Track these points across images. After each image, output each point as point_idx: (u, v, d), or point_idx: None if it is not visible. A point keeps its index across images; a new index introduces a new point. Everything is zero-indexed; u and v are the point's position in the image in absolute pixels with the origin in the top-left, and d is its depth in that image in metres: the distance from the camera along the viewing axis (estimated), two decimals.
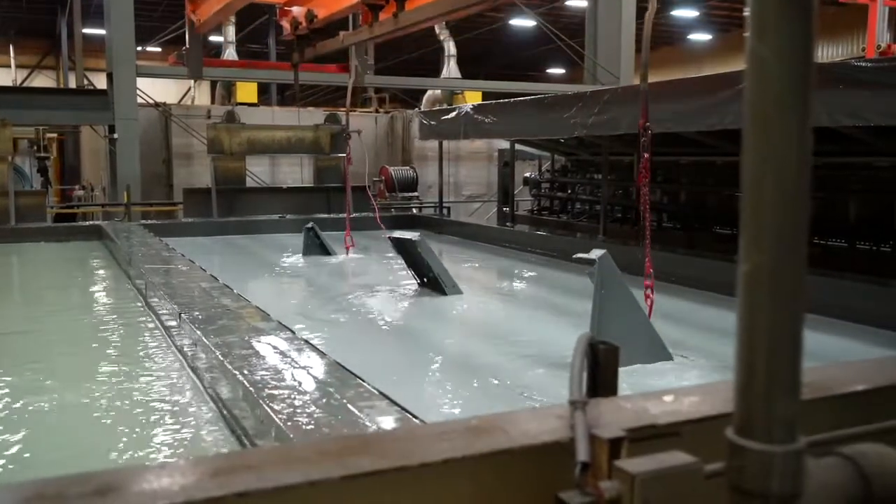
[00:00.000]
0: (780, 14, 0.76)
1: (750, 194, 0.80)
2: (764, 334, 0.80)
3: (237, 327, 3.98)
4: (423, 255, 6.35)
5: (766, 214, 0.78)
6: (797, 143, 0.78)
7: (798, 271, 0.80)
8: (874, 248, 6.27)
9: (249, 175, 13.35)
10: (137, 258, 6.67)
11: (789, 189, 0.78)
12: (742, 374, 0.83)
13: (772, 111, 0.77)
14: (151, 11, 26.41)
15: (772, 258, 0.78)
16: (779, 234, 0.79)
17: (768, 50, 0.77)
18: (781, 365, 0.81)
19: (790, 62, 0.76)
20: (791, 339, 0.81)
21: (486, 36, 30.21)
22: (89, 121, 14.49)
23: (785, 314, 0.81)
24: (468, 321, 5.75)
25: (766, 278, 0.79)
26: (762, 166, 0.79)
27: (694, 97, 6.02)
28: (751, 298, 0.80)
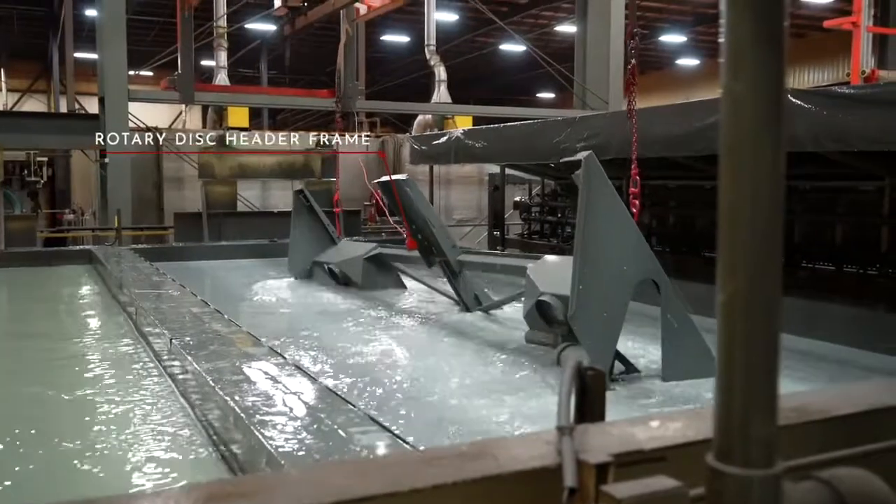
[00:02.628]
0: (752, 52, 0.80)
1: (725, 225, 0.83)
2: (741, 360, 0.83)
3: (228, 353, 3.98)
4: (414, 200, 6.19)
5: (741, 245, 0.82)
6: (771, 176, 0.81)
7: (773, 299, 0.83)
8: (860, 271, 6.32)
9: (240, 199, 13.37)
10: (128, 283, 6.66)
11: (763, 220, 0.81)
12: (721, 400, 0.85)
13: (746, 145, 0.81)
14: (144, 36, 26.55)
15: (747, 287, 0.81)
16: (754, 263, 0.82)
17: (742, 86, 0.80)
18: (758, 390, 0.84)
19: (763, 98, 0.80)
20: (767, 364, 0.83)
21: (476, 61, 30.46)
22: (81, 145, 14.50)
23: (761, 340, 0.83)
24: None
25: (743, 306, 0.82)
26: (737, 198, 0.82)
27: (683, 122, 6.09)
28: (728, 326, 0.83)
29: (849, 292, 5.91)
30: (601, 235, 4.22)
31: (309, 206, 8.56)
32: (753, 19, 0.77)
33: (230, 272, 9.51)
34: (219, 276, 9.41)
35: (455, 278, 6.41)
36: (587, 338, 4.26)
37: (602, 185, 4.25)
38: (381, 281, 7.70)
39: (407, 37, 28.53)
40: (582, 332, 4.25)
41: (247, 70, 29.36)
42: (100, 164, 13.38)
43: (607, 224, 4.25)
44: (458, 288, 6.43)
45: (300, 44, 29.52)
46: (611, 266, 4.29)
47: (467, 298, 6.41)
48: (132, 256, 8.81)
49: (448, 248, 6.21)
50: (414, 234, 6.47)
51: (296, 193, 8.65)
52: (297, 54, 30.33)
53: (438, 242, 6.20)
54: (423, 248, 6.47)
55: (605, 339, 4.29)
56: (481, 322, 6.22)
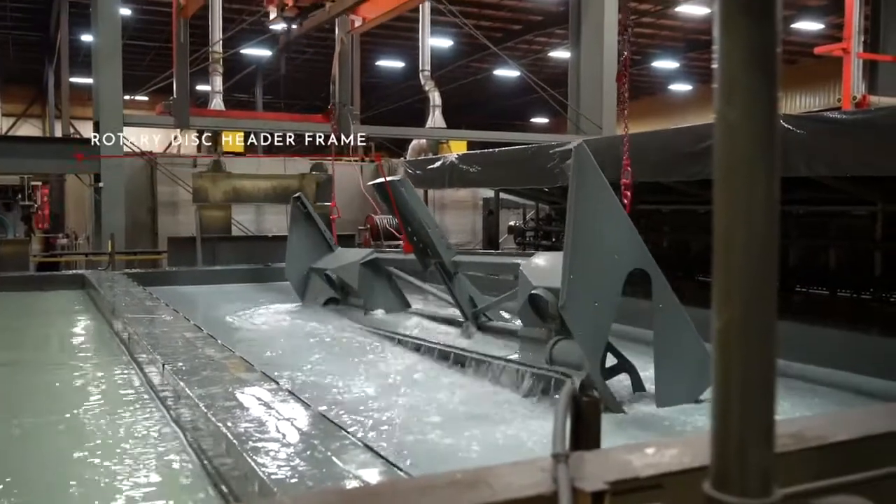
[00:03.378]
0: (746, 79, 0.80)
1: (720, 251, 0.83)
2: (737, 386, 0.82)
3: (221, 378, 3.96)
4: (409, 201, 6.14)
5: (736, 270, 0.82)
6: (765, 201, 0.81)
7: (769, 325, 0.83)
8: (854, 295, 6.34)
9: (235, 223, 13.37)
10: (120, 308, 6.63)
11: (758, 247, 0.81)
12: (717, 426, 0.85)
13: (740, 170, 0.81)
14: (140, 61, 26.70)
15: (743, 313, 0.81)
16: (749, 289, 0.82)
17: (735, 113, 0.81)
18: (755, 416, 0.84)
19: (757, 124, 0.80)
20: (764, 390, 0.83)
21: (470, 86, 30.68)
22: (75, 170, 14.50)
23: (757, 366, 0.83)
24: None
25: (738, 333, 0.82)
26: (732, 223, 0.82)
27: (676, 147, 6.13)
28: (724, 352, 0.83)
29: (843, 317, 5.92)
30: (592, 225, 4.22)
31: (306, 213, 8.57)
32: (747, 46, 0.78)
33: (223, 297, 9.48)
34: (212, 301, 9.37)
35: (451, 280, 6.37)
36: (579, 328, 4.24)
37: (593, 175, 4.24)
38: (377, 286, 7.67)
39: (402, 62, 28.75)
40: (573, 322, 4.24)
41: (242, 95, 29.53)
42: (94, 189, 13.38)
43: (598, 214, 4.24)
44: (454, 289, 6.38)
45: (295, 69, 29.72)
46: (602, 256, 4.28)
47: (462, 300, 6.36)
48: (125, 281, 8.78)
49: (443, 249, 6.18)
50: (410, 236, 6.43)
51: (294, 200, 8.66)
52: (293, 80, 30.51)
53: (434, 243, 6.16)
54: (419, 250, 6.43)
55: (597, 329, 4.27)
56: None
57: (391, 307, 7.66)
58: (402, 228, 6.52)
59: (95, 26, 13.29)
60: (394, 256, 7.72)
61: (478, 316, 6.31)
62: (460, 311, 6.44)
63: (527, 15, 24.60)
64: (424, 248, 6.41)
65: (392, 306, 7.68)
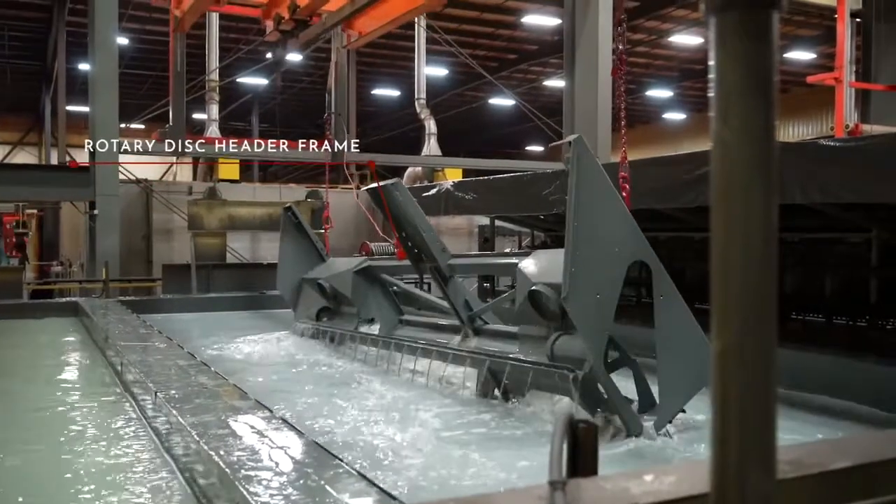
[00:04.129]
0: (742, 98, 0.80)
1: (718, 275, 0.82)
2: (736, 412, 0.81)
3: (214, 406, 3.92)
4: (402, 205, 6.04)
5: (734, 294, 0.81)
6: (763, 222, 0.81)
7: (768, 348, 0.82)
8: (850, 322, 6.33)
9: (230, 251, 13.36)
10: (113, 335, 6.59)
11: (756, 269, 0.81)
12: (716, 453, 0.84)
13: (737, 191, 0.81)
14: (137, 89, 26.84)
15: (742, 337, 0.80)
16: (748, 312, 0.81)
17: (731, 133, 0.80)
18: (755, 442, 0.83)
19: (753, 144, 0.80)
20: (764, 415, 0.82)
21: (466, 115, 30.90)
22: (70, 197, 14.52)
23: (757, 390, 0.82)
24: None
25: (737, 356, 0.81)
26: (729, 245, 0.82)
27: (671, 174, 6.15)
28: (723, 377, 0.82)
29: (840, 344, 5.91)
30: (592, 217, 4.21)
31: (297, 224, 8.53)
32: (743, 66, 0.78)
33: (218, 324, 9.44)
34: (206, 328, 9.33)
35: (446, 284, 6.25)
36: (582, 320, 4.22)
37: (592, 167, 4.25)
38: (371, 294, 7.60)
39: (397, 91, 28.97)
40: (576, 315, 4.21)
41: (238, 123, 29.68)
42: (89, 216, 13.37)
43: (598, 206, 4.24)
44: (449, 294, 6.28)
45: (291, 98, 29.91)
46: (603, 247, 4.28)
47: (458, 304, 6.28)
48: (119, 308, 8.74)
49: (438, 252, 6.09)
50: (404, 242, 6.33)
51: (284, 210, 8.63)
52: (288, 108, 30.71)
53: (428, 247, 6.06)
54: (413, 255, 6.33)
55: (600, 321, 4.25)
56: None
57: (385, 315, 7.55)
58: (396, 234, 6.43)
59: (92, 55, 13.37)
60: (387, 263, 7.64)
61: (474, 320, 6.22)
62: (456, 315, 6.30)
63: (522, 44, 24.85)
64: (419, 254, 6.31)
65: (386, 315, 7.57)
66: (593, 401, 4.40)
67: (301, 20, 7.73)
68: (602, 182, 4.29)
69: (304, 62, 24.40)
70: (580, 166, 4.20)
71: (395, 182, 6.14)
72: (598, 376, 4.25)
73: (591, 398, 4.39)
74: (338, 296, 7.94)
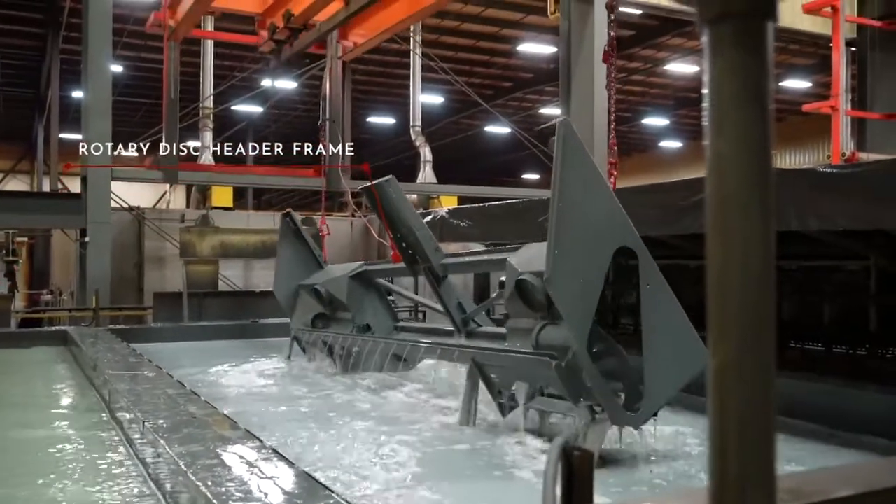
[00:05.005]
0: (737, 109, 0.79)
1: (715, 288, 0.81)
2: (735, 433, 0.79)
3: (203, 436, 3.87)
4: (396, 204, 5.96)
5: (731, 308, 0.79)
6: (760, 235, 0.79)
7: (767, 363, 0.80)
8: (850, 351, 6.31)
9: (222, 279, 13.32)
10: (102, 364, 6.54)
11: (754, 281, 0.79)
12: (714, 479, 0.81)
13: (732, 203, 0.79)
14: (131, 117, 26.97)
15: (739, 353, 0.78)
16: (745, 327, 0.79)
17: (727, 144, 0.79)
18: (754, 465, 0.80)
19: (749, 156, 0.79)
20: (763, 435, 0.80)
21: (461, 142, 31.08)
22: (62, 224, 14.50)
23: (756, 409, 0.80)
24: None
25: (735, 373, 0.79)
26: (726, 260, 0.80)
27: (667, 201, 6.16)
28: (720, 396, 0.80)
29: (840, 373, 5.88)
30: (577, 201, 4.17)
31: (296, 230, 8.50)
32: (738, 78, 0.77)
33: (210, 353, 9.37)
34: (197, 357, 9.26)
35: (440, 284, 6.19)
36: (564, 303, 4.16)
37: (577, 150, 4.21)
38: (366, 299, 7.55)
39: (392, 118, 29.14)
40: (559, 297, 4.16)
41: (232, 150, 29.77)
42: (80, 244, 13.34)
43: (583, 189, 4.20)
44: (442, 295, 6.21)
45: (286, 126, 30.06)
46: (587, 232, 4.24)
47: (451, 306, 6.20)
48: (109, 337, 8.68)
49: (432, 252, 6.03)
50: (398, 242, 6.25)
51: (283, 216, 8.61)
52: (284, 136, 30.81)
53: (422, 247, 6.00)
54: (408, 257, 6.26)
55: (583, 306, 4.18)
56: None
57: (380, 322, 7.52)
58: (389, 234, 6.34)
59: (86, 83, 13.43)
60: (383, 267, 7.59)
61: (467, 322, 6.16)
62: (449, 318, 6.23)
63: (517, 72, 25.07)
64: (413, 255, 6.25)
65: (381, 321, 7.53)
66: (577, 390, 4.32)
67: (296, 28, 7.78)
68: (588, 165, 4.25)
69: (298, 89, 24.57)
70: (566, 148, 4.16)
71: (388, 179, 6.03)
72: (582, 363, 4.17)
73: (574, 387, 4.31)
74: (333, 301, 7.83)
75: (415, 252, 6.24)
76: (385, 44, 20.27)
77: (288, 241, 8.54)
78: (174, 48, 11.07)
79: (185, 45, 15.40)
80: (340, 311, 7.90)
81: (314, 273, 8.40)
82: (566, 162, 4.17)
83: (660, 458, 4.42)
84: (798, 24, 14.02)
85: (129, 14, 17.89)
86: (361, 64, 23.33)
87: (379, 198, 6.14)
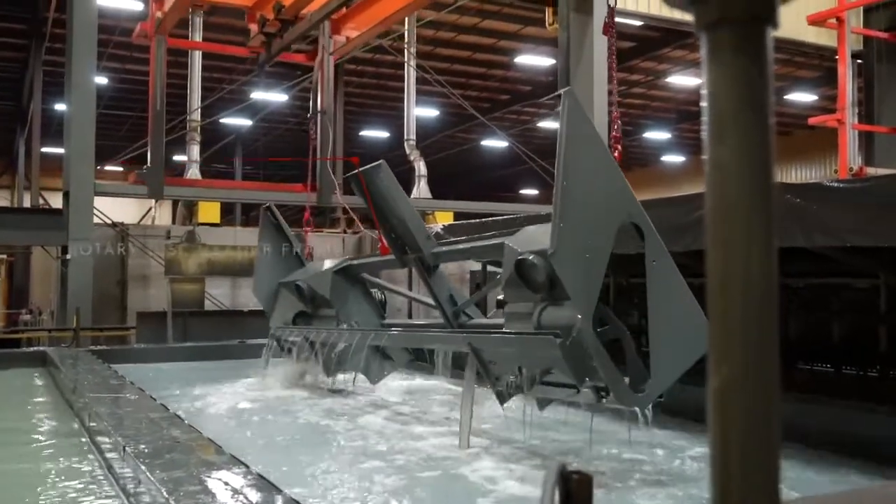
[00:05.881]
0: (737, 116, 0.79)
1: (715, 302, 0.80)
2: (738, 453, 0.78)
3: (186, 461, 3.84)
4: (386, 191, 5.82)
5: (733, 322, 0.78)
6: (762, 244, 0.79)
7: (771, 380, 0.79)
8: (860, 372, 6.30)
9: (208, 297, 13.27)
10: (82, 386, 6.49)
11: (757, 293, 0.78)
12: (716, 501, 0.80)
13: (734, 212, 0.79)
14: (115, 130, 26.98)
15: (742, 369, 0.77)
16: (748, 341, 0.78)
17: (728, 151, 0.79)
18: (758, 492, 0.79)
19: (751, 162, 0.79)
20: (768, 458, 0.79)
21: (457, 157, 31.15)
22: (42, 241, 14.46)
23: (759, 428, 0.79)
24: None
25: (738, 390, 0.78)
26: (727, 271, 0.79)
27: (668, 217, 6.16)
28: (722, 415, 0.79)
29: (849, 394, 5.87)
30: (582, 174, 4.16)
31: (276, 225, 8.39)
32: (737, 84, 0.77)
33: (195, 375, 9.31)
34: (182, 379, 9.21)
35: (430, 275, 6.08)
36: (569, 277, 4.13)
37: (582, 121, 4.21)
38: (351, 295, 7.42)
39: (386, 132, 29.21)
40: (563, 272, 4.13)
41: (220, 165, 29.79)
42: (61, 261, 13.30)
43: (588, 161, 4.19)
44: (433, 287, 6.09)
45: (276, 139, 30.10)
46: (592, 205, 4.22)
47: (442, 298, 6.09)
48: (89, 358, 8.63)
49: (423, 240, 5.91)
50: (388, 233, 6.14)
51: (264, 210, 8.51)
52: (272, 149, 30.86)
53: (413, 235, 5.89)
54: (397, 246, 6.15)
55: (588, 281, 4.16)
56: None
57: (365, 318, 7.40)
58: (378, 224, 6.23)
59: (69, 95, 13.45)
60: (369, 261, 7.49)
61: (458, 315, 6.08)
62: (440, 311, 6.13)
63: (515, 85, 25.18)
64: (403, 245, 6.14)
65: (367, 318, 7.41)
66: (582, 369, 4.28)
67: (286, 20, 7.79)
68: (593, 137, 4.26)
69: (288, 102, 24.63)
70: (570, 119, 4.15)
71: (378, 165, 5.87)
72: (587, 341, 4.13)
73: (579, 366, 4.27)
74: (316, 298, 7.69)
75: (405, 242, 6.10)
76: (379, 55, 20.39)
77: (269, 236, 8.42)
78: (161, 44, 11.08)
79: (172, 57, 15.47)
80: (324, 309, 7.73)
81: (296, 270, 8.25)
82: (571, 134, 4.15)
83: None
84: (803, 35, 14.13)
85: (115, 25, 17.94)
86: (354, 76, 23.43)
87: (367, 185, 5.98)
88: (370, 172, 5.91)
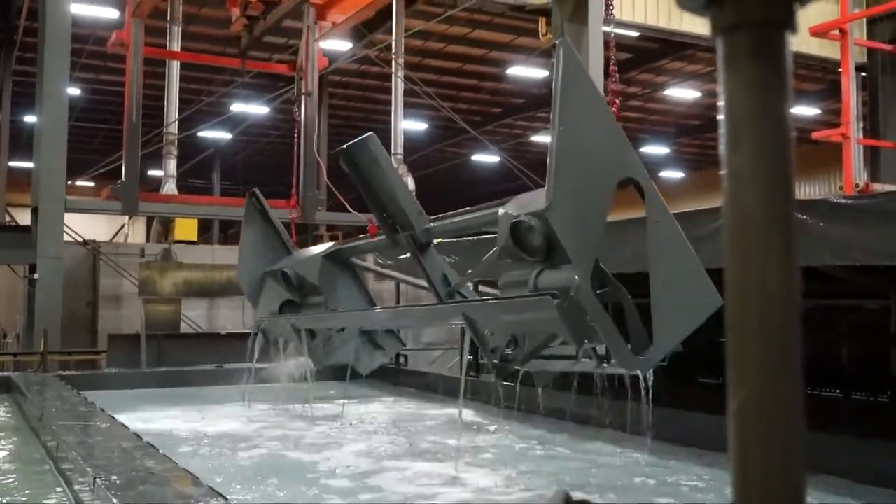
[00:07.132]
0: (754, 123, 0.78)
1: (734, 320, 0.79)
2: (759, 478, 0.76)
3: (162, 493, 3.79)
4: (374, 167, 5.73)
5: (752, 341, 0.77)
6: (782, 257, 0.78)
7: (794, 401, 0.78)
8: (871, 398, 6.31)
9: (184, 319, 13.20)
10: (49, 414, 6.42)
11: (777, 309, 0.77)
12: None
13: (751, 224, 0.78)
14: (87, 144, 26.93)
15: (762, 389, 0.76)
16: (769, 360, 0.77)
17: (744, 160, 0.78)
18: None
19: (769, 171, 0.78)
20: (791, 480, 0.77)
21: (447, 171, 31.25)
22: (9, 260, 14.35)
23: (782, 451, 0.77)
24: None
25: (758, 412, 0.76)
26: (745, 286, 0.78)
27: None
28: (743, 439, 0.77)
29: (858, 421, 5.87)
30: (578, 128, 4.14)
31: (262, 211, 8.30)
32: (755, 88, 0.76)
33: (170, 401, 9.24)
34: (156, 405, 9.14)
35: (423, 254, 6.01)
36: (566, 234, 4.10)
37: (578, 73, 4.19)
38: (340, 282, 7.34)
39: None
40: (560, 228, 4.10)
41: (198, 180, 29.76)
42: (28, 281, 13.20)
43: (585, 114, 4.17)
44: (426, 266, 6.01)
45: (256, 153, 30.12)
46: (588, 160, 4.20)
47: (435, 279, 6.02)
48: (57, 384, 8.54)
49: (415, 216, 5.83)
50: (378, 212, 6.06)
51: (248, 196, 8.40)
52: (252, 164, 30.88)
53: (404, 211, 5.82)
54: (388, 225, 6.06)
55: (586, 238, 4.14)
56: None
57: (355, 305, 7.34)
58: (367, 200, 6.11)
59: (40, 106, 13.41)
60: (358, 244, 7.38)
61: (453, 295, 6.01)
62: (434, 292, 6.05)
63: (507, 97, 25.31)
64: (394, 223, 6.05)
65: (356, 304, 7.35)
66: (581, 331, 4.23)
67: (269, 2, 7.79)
68: (589, 89, 4.24)
69: (270, 114, 24.67)
70: (566, 69, 4.13)
71: (368, 136, 5.80)
72: (586, 301, 4.09)
73: (577, 328, 4.21)
74: (304, 285, 7.62)
75: (396, 220, 6.02)
76: (365, 66, 20.46)
77: (254, 223, 8.32)
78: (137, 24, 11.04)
79: (149, 68, 15.47)
80: (312, 296, 7.66)
81: (282, 259, 8.19)
82: (566, 85, 4.13)
83: None
84: (805, 47, 14.27)
85: (90, 34, 17.96)
86: (340, 88, 23.50)
87: (356, 160, 5.88)
88: (358, 145, 5.85)
